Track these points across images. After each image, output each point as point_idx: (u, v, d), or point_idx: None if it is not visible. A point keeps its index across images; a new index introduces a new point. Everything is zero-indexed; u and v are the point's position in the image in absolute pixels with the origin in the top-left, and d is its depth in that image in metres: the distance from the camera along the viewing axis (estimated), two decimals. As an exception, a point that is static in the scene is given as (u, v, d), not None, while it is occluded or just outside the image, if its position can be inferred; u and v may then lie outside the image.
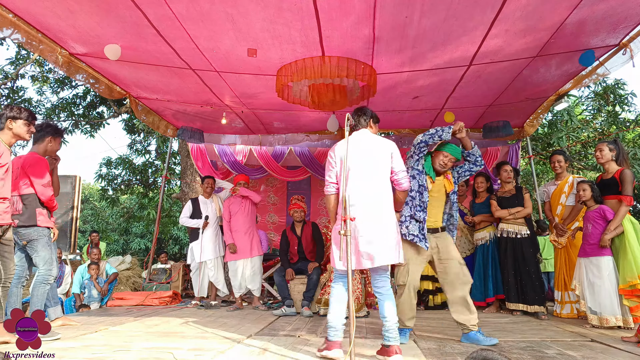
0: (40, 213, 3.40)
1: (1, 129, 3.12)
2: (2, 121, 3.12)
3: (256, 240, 5.35)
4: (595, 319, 3.64)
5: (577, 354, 2.74)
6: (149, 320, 4.15)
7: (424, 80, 4.62)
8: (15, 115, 3.14)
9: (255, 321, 4.13)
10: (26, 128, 3.20)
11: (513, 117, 5.90)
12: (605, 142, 3.90)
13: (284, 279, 4.94)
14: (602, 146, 3.87)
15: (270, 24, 3.48)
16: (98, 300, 5.83)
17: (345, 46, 3.83)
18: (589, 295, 3.70)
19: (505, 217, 4.62)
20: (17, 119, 3.14)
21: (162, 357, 2.66)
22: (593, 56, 3.96)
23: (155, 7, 3.30)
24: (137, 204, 13.17)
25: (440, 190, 3.29)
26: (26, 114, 3.20)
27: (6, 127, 3.12)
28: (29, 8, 3.39)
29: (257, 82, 4.65)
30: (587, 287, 3.73)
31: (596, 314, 3.63)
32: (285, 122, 6.24)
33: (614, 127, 9.96)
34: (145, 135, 11.65)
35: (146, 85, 4.92)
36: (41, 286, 3.35)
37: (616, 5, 3.33)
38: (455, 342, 3.11)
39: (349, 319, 2.44)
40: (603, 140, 4.03)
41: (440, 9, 3.30)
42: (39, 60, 9.48)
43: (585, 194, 3.87)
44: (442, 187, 3.29)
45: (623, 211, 3.63)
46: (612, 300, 3.57)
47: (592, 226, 3.77)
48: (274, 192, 7.77)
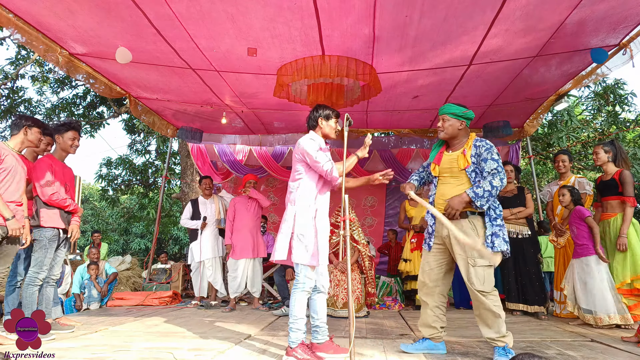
0: (44, 213, 3.41)
1: (15, 134, 3.34)
2: (18, 128, 3.32)
3: (260, 242, 5.30)
4: (590, 318, 3.65)
5: (577, 354, 2.73)
6: (149, 320, 4.15)
7: (424, 79, 4.62)
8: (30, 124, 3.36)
9: (255, 321, 4.13)
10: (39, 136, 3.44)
11: (513, 117, 5.90)
12: (601, 145, 3.97)
13: (284, 279, 4.94)
14: (598, 149, 3.96)
15: (270, 23, 3.48)
16: (98, 300, 5.82)
17: (345, 45, 3.83)
18: (582, 295, 3.72)
19: (507, 217, 4.62)
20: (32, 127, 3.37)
21: (162, 357, 2.66)
22: (606, 53, 3.94)
23: (155, 6, 3.30)
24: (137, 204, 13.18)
25: (452, 168, 2.84)
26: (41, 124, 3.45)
27: (21, 133, 3.33)
28: (29, 8, 3.39)
29: (257, 81, 4.65)
30: (580, 287, 3.75)
31: (591, 313, 3.65)
32: (285, 122, 6.24)
33: (614, 127, 9.97)
34: (145, 135, 11.66)
35: (146, 85, 4.92)
36: (28, 287, 3.34)
37: (616, 5, 3.33)
38: (454, 342, 3.10)
39: (349, 319, 2.44)
40: (599, 143, 4.08)
41: (441, 9, 3.30)
42: (39, 60, 9.49)
43: (565, 199, 4.02)
44: (454, 164, 2.82)
45: (629, 213, 3.71)
46: (605, 298, 3.58)
47: (577, 228, 3.85)
48: (274, 192, 7.77)
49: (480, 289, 2.63)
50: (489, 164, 2.71)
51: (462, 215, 2.72)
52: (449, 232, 2.71)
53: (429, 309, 2.87)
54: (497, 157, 2.73)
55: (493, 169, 2.68)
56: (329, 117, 2.96)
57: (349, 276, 2.46)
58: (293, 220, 2.78)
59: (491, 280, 2.66)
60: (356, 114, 5.70)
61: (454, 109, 2.85)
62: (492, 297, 2.64)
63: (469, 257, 2.66)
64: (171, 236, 17.00)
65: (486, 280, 2.64)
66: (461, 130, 2.86)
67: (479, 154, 2.77)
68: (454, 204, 2.67)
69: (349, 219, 2.55)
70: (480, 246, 2.59)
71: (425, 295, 2.92)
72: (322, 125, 2.96)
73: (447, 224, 2.58)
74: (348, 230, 2.53)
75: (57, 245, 3.51)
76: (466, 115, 2.85)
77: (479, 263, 2.64)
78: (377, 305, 5.20)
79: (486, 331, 2.66)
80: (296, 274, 2.80)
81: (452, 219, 2.67)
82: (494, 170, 2.67)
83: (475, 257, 2.64)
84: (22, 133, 3.34)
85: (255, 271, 5.24)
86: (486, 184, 2.63)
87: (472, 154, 2.78)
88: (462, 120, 2.84)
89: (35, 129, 3.39)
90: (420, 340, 2.86)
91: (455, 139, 2.89)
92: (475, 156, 2.78)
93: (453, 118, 2.84)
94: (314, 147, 2.83)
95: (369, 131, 6.78)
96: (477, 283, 2.63)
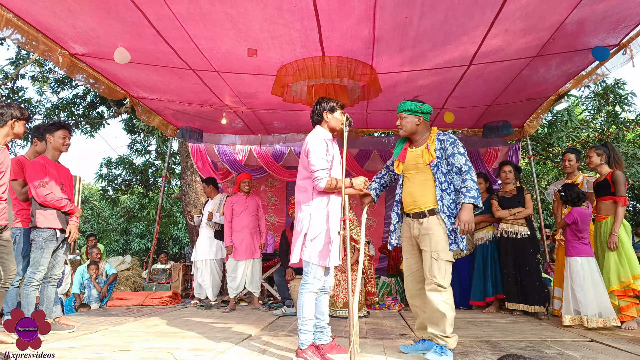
0: (40, 214, 3.41)
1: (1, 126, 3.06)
2: (5, 119, 3.06)
3: (259, 242, 5.30)
4: (577, 319, 3.66)
5: (577, 354, 2.73)
6: (149, 320, 4.15)
7: (424, 80, 4.63)
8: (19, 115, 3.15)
9: (255, 321, 4.13)
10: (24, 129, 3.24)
11: (513, 117, 5.90)
12: (594, 148, 4.04)
13: (284, 279, 4.94)
14: (590, 153, 4.05)
15: (270, 24, 3.47)
16: (98, 300, 5.82)
17: (345, 46, 3.83)
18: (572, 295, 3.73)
19: (506, 217, 4.63)
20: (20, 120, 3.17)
21: (162, 357, 2.66)
22: (607, 51, 3.94)
23: (155, 7, 3.29)
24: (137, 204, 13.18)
25: (417, 164, 2.82)
26: (26, 114, 3.23)
27: (7, 126, 3.07)
28: (29, 8, 3.39)
29: (257, 82, 4.65)
30: (570, 287, 3.76)
31: (579, 314, 3.66)
32: (285, 122, 6.24)
33: (614, 127, 9.97)
34: (145, 135, 11.65)
35: (146, 85, 4.93)
36: (25, 288, 3.35)
37: (616, 5, 3.33)
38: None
39: (348, 319, 2.44)
40: (592, 146, 4.14)
41: (441, 9, 3.30)
42: (39, 60, 9.49)
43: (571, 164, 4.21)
44: (419, 159, 2.81)
45: (620, 212, 3.76)
46: (592, 300, 3.58)
47: (569, 228, 3.88)
48: (274, 192, 7.77)
49: (440, 282, 2.64)
50: (457, 159, 2.70)
51: (431, 213, 2.73)
52: (419, 231, 2.74)
53: (421, 312, 2.86)
54: (463, 151, 2.74)
55: (463, 164, 2.69)
56: (333, 109, 2.92)
57: (349, 276, 2.46)
58: (309, 221, 2.74)
59: (449, 276, 2.69)
60: (356, 114, 5.71)
61: (409, 105, 2.85)
62: (446, 294, 2.66)
63: (433, 251, 2.68)
64: (171, 236, 17.01)
65: (446, 275, 2.66)
66: (419, 126, 2.85)
67: (443, 148, 2.76)
68: (468, 219, 2.60)
69: (348, 219, 2.55)
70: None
71: (413, 299, 2.91)
72: (328, 119, 2.91)
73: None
74: (348, 230, 2.53)
75: (57, 245, 3.51)
76: (422, 110, 2.84)
77: (442, 257, 2.66)
78: (377, 305, 5.20)
79: (431, 326, 2.69)
80: (305, 274, 2.75)
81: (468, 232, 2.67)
82: (465, 166, 2.69)
83: (440, 251, 2.66)
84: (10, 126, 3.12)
85: (255, 271, 5.24)
86: (471, 184, 2.63)
87: (436, 147, 2.77)
88: (418, 116, 2.83)
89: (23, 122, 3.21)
90: (420, 341, 2.85)
91: (416, 134, 2.88)
92: (440, 150, 2.76)
93: (409, 115, 2.85)
94: (320, 152, 2.75)
95: (368, 131, 6.79)
96: (439, 276, 2.64)
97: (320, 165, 2.72)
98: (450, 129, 6.67)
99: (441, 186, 2.72)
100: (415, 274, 2.88)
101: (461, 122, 6.14)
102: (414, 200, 2.80)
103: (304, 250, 2.72)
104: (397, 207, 2.96)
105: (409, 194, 2.83)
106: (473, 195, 2.61)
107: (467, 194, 2.61)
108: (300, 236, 2.76)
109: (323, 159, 2.74)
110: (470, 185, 2.63)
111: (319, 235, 2.72)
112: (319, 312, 2.84)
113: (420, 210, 2.76)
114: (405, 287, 2.97)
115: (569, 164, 4.47)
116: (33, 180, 3.40)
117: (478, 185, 2.68)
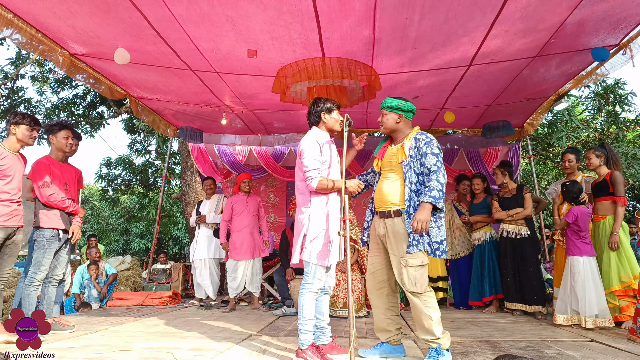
0: (43, 214, 3.42)
1: (7, 135, 3.26)
2: (7, 127, 3.23)
3: (259, 242, 5.30)
4: (576, 318, 3.67)
5: (577, 354, 2.74)
6: (149, 320, 4.15)
7: (424, 80, 4.63)
8: (18, 120, 3.22)
9: (255, 321, 4.13)
10: (29, 133, 3.29)
11: (513, 117, 5.90)
12: (592, 150, 4.07)
13: (284, 279, 4.94)
14: (589, 154, 4.08)
15: (270, 25, 3.48)
16: (98, 300, 5.83)
17: (345, 47, 3.83)
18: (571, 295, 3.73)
19: (504, 218, 4.64)
20: (20, 125, 3.23)
21: (162, 357, 2.67)
22: (607, 52, 3.94)
23: (154, 8, 3.30)
24: (137, 204, 13.18)
25: (391, 162, 2.78)
26: (29, 119, 3.28)
27: (10, 133, 3.23)
28: (29, 8, 3.39)
29: (257, 82, 4.65)
30: (568, 287, 3.77)
31: (577, 314, 3.67)
32: (285, 122, 6.24)
33: (614, 127, 9.97)
34: (145, 135, 11.65)
35: (146, 85, 4.93)
36: (26, 288, 3.36)
37: (616, 5, 3.33)
38: (454, 342, 3.10)
39: (348, 319, 2.44)
40: (590, 148, 4.16)
41: (441, 11, 3.30)
42: (39, 60, 9.49)
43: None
44: (394, 158, 2.77)
45: (620, 212, 3.79)
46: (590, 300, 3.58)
47: (570, 228, 3.89)
48: (274, 192, 7.77)
49: (412, 290, 2.56)
50: (428, 159, 2.60)
51: (397, 214, 2.66)
52: (385, 230, 2.68)
53: (380, 312, 2.82)
54: (438, 152, 2.63)
55: (433, 165, 2.58)
56: (330, 109, 2.91)
57: (349, 276, 2.46)
58: (308, 222, 2.74)
59: (424, 280, 2.58)
60: (356, 114, 5.71)
61: (390, 102, 2.79)
62: (425, 298, 2.57)
63: (401, 257, 2.59)
64: (171, 236, 17.02)
65: (418, 281, 2.56)
66: (399, 123, 2.79)
67: (418, 147, 2.67)
68: (423, 217, 2.48)
69: (348, 219, 2.55)
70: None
71: (374, 299, 2.85)
72: (326, 119, 2.91)
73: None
74: (348, 230, 2.53)
75: (59, 246, 3.51)
76: (402, 108, 2.77)
77: (410, 263, 2.56)
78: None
79: (420, 332, 2.61)
80: (305, 274, 2.75)
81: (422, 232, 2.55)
82: (434, 167, 2.57)
83: (408, 257, 2.57)
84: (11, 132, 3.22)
85: (255, 271, 5.24)
86: (435, 184, 2.53)
87: (411, 146, 2.69)
88: (399, 113, 2.77)
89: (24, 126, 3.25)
90: (378, 345, 2.81)
91: (396, 132, 2.82)
92: (414, 149, 2.68)
93: (390, 112, 2.79)
94: (312, 152, 2.76)
95: (368, 131, 6.79)
96: (408, 284, 2.56)
97: (312, 166, 2.72)
98: (450, 129, 6.67)
99: (411, 186, 2.63)
100: (376, 273, 2.83)
101: (461, 122, 6.15)
102: (382, 198, 2.75)
103: (303, 250, 2.73)
104: (372, 204, 2.90)
105: (379, 192, 2.79)
106: (434, 195, 2.50)
107: (428, 193, 2.51)
108: (300, 237, 2.76)
109: (315, 160, 2.74)
110: (434, 185, 2.53)
111: (319, 235, 2.72)
112: (319, 312, 2.84)
113: (387, 209, 2.71)
114: (367, 285, 2.92)
115: (568, 164, 4.48)
116: (36, 180, 3.41)
117: (444, 187, 2.56)
